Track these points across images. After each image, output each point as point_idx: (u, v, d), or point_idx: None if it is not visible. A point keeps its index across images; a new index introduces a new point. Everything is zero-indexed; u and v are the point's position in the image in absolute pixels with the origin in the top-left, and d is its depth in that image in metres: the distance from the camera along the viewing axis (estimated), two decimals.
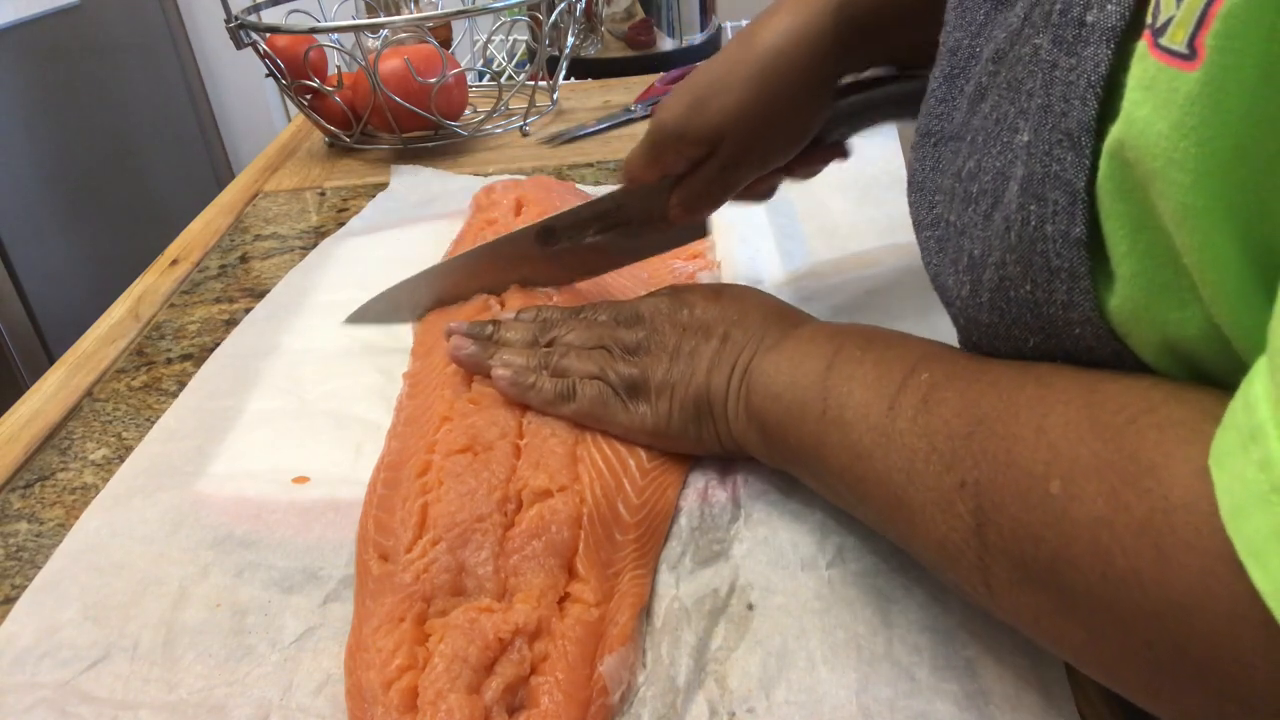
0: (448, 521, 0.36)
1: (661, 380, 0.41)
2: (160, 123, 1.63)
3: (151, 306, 0.63)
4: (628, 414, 0.41)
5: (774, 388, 0.37)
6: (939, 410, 0.30)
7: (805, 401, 0.36)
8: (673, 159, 0.46)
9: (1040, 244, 0.26)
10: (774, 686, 0.33)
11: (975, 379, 0.30)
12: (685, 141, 0.45)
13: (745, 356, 0.40)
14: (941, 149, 0.33)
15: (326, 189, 0.81)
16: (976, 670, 0.32)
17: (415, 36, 0.84)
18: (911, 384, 0.32)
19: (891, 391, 0.32)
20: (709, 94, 0.44)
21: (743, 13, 1.55)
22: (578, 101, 0.96)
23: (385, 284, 0.60)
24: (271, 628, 0.36)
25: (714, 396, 0.40)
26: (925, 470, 0.29)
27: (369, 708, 0.31)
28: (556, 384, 0.42)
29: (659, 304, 0.44)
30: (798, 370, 0.37)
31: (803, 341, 0.38)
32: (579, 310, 0.46)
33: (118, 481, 0.45)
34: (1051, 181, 0.25)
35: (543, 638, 0.34)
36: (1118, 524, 0.23)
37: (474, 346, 0.45)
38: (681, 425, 0.40)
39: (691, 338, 0.42)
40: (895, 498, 0.31)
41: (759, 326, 0.41)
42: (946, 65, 0.34)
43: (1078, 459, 0.25)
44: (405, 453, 0.41)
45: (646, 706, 0.33)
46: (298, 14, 0.89)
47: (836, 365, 0.35)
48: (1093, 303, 0.26)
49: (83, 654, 0.36)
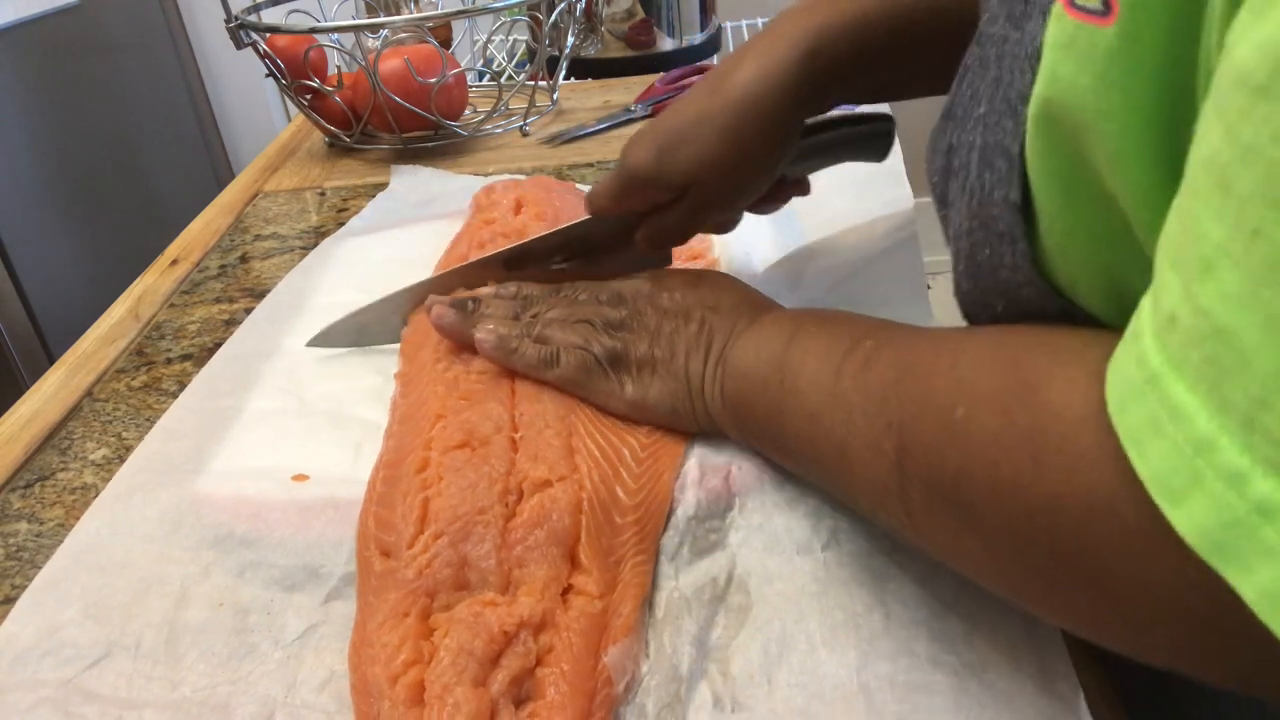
0: (449, 515, 0.36)
1: (643, 356, 0.43)
2: (160, 123, 1.63)
3: (151, 306, 0.63)
4: (609, 383, 0.43)
5: (742, 367, 0.40)
6: (876, 368, 0.33)
7: (766, 376, 0.38)
8: (640, 200, 0.47)
9: (991, 209, 0.28)
10: (775, 671, 0.33)
11: (912, 339, 0.33)
12: (654, 188, 0.45)
13: (720, 341, 0.42)
14: (960, 127, 0.35)
15: (326, 189, 0.81)
16: (973, 641, 0.33)
17: (415, 36, 0.84)
18: (857, 350, 0.34)
19: (838, 359, 0.35)
20: (678, 142, 0.44)
21: (742, 13, 1.55)
22: (578, 101, 0.96)
23: (385, 284, 0.59)
24: (274, 626, 0.36)
25: (692, 379, 0.42)
26: (860, 420, 0.32)
27: (375, 703, 0.32)
28: (540, 350, 0.43)
29: (640, 286, 0.45)
30: (762, 349, 0.39)
31: (768, 324, 0.41)
32: (559, 288, 0.47)
33: (118, 481, 0.45)
34: (995, 149, 0.28)
35: (547, 630, 0.34)
36: (1005, 438, 0.26)
37: (456, 315, 0.45)
38: (662, 401, 0.42)
39: (671, 321, 0.43)
40: (838, 450, 0.33)
41: (733, 313, 0.43)
42: (977, 50, 0.35)
43: (978, 385, 0.27)
44: (402, 450, 0.41)
45: (651, 696, 0.33)
46: (298, 14, 0.89)
47: (795, 341, 0.38)
48: (1029, 264, 0.28)
49: (85, 653, 0.36)
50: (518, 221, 0.57)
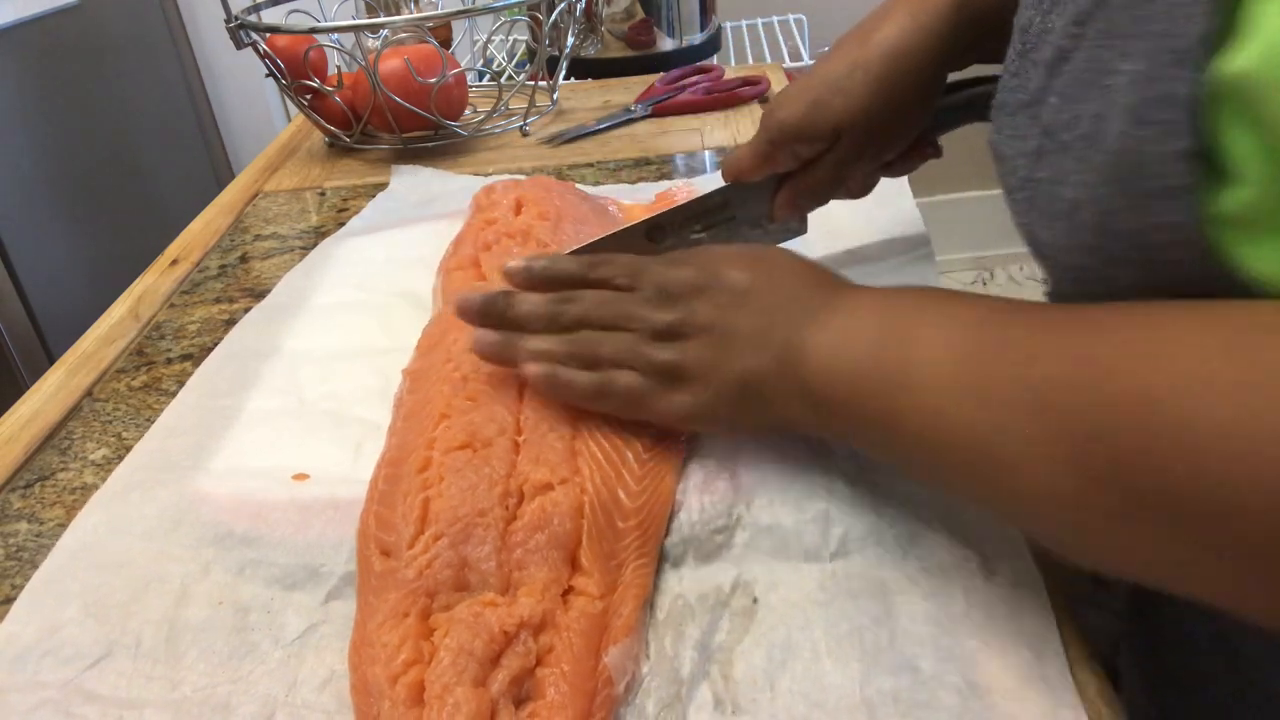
0: (450, 516, 0.36)
1: (700, 365, 0.39)
2: (160, 123, 1.63)
3: (151, 306, 0.63)
4: (666, 402, 0.40)
5: (828, 360, 0.36)
6: (1042, 363, 0.29)
7: (867, 371, 0.35)
8: (786, 158, 0.47)
9: (1148, 167, 0.27)
10: (778, 678, 0.33)
11: (1072, 328, 0.30)
12: (804, 140, 0.46)
13: (786, 331, 0.38)
14: (1017, 118, 0.34)
15: (326, 189, 0.81)
16: (979, 662, 0.33)
17: (415, 36, 0.84)
18: (993, 339, 0.31)
19: (972, 349, 0.32)
20: (830, 94, 0.45)
21: (742, 13, 1.55)
22: (578, 101, 0.96)
23: (386, 284, 0.60)
24: (274, 625, 0.36)
25: (758, 378, 0.38)
26: (1025, 423, 0.29)
27: (375, 702, 0.32)
28: (592, 379, 0.40)
29: (687, 277, 0.41)
30: (854, 340, 0.36)
31: (851, 310, 0.37)
32: (594, 265, 0.43)
33: (116, 479, 0.45)
34: (1159, 104, 0.26)
35: (547, 630, 0.34)
36: (1257, 436, 0.23)
37: (496, 337, 0.42)
38: (727, 410, 0.39)
39: (727, 314, 0.40)
40: (981, 455, 0.30)
41: (797, 295, 0.39)
42: (1019, 43, 0.35)
43: (1214, 379, 0.25)
44: (405, 449, 0.41)
45: (651, 697, 0.33)
46: (298, 14, 0.89)
47: (897, 329, 0.35)
48: (1195, 219, 0.26)
49: (85, 652, 0.36)
50: (519, 221, 0.57)
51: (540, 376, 0.41)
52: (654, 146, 0.82)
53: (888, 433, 0.35)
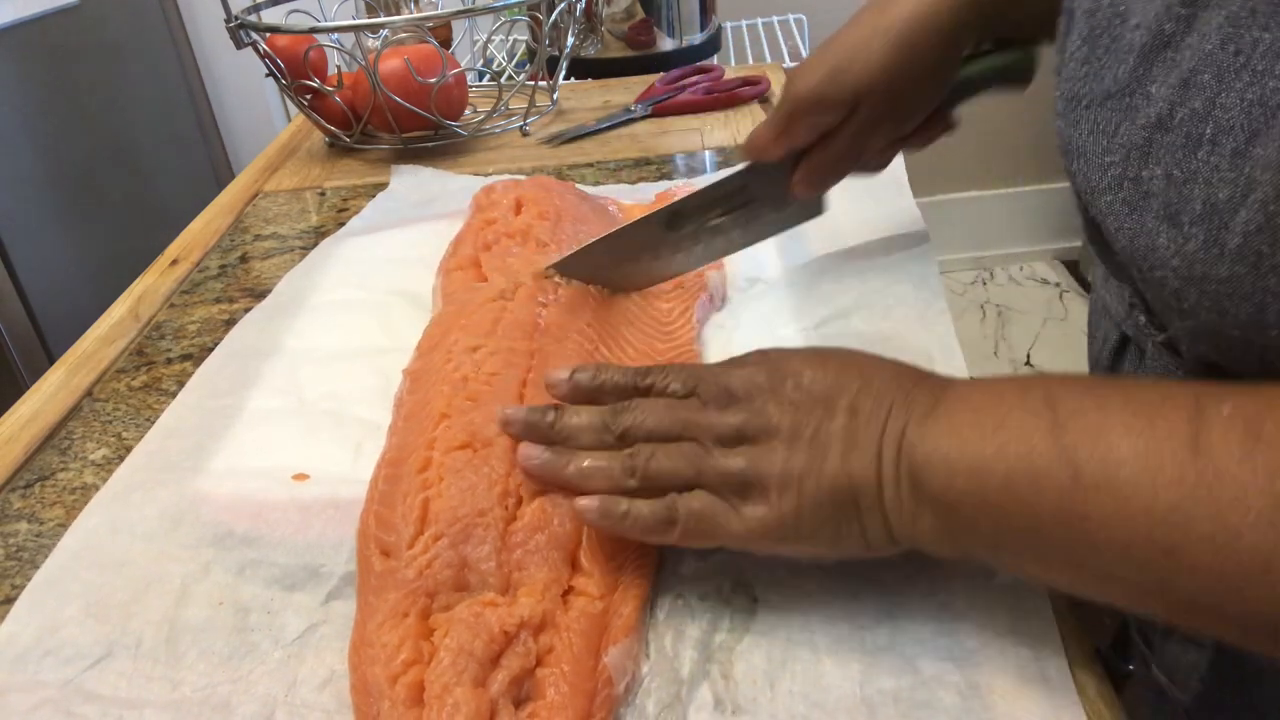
0: (449, 517, 0.36)
1: (780, 473, 0.33)
2: (160, 123, 1.63)
3: (151, 306, 0.63)
4: (741, 520, 0.34)
5: (963, 462, 0.30)
6: None
7: (1034, 471, 0.29)
8: (805, 130, 0.47)
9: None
10: (778, 678, 0.33)
11: None
12: (824, 107, 0.46)
13: (894, 429, 0.32)
14: (1098, 111, 0.32)
15: (326, 189, 0.81)
16: (979, 661, 0.33)
17: (415, 36, 0.84)
18: (1210, 420, 0.26)
19: (1183, 433, 0.26)
20: (848, 60, 0.45)
21: (742, 13, 1.55)
22: (578, 101, 0.96)
23: (386, 284, 0.60)
24: (274, 625, 0.36)
25: (860, 485, 0.32)
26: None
27: (375, 702, 0.32)
28: (654, 511, 0.35)
29: (754, 376, 0.36)
30: (998, 433, 0.30)
31: (979, 402, 0.32)
32: (645, 374, 0.38)
33: (117, 479, 0.45)
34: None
35: (547, 630, 0.34)
36: None
37: (545, 454, 0.37)
38: (814, 525, 0.33)
39: (808, 415, 0.34)
40: (1231, 559, 0.25)
41: (895, 391, 0.34)
42: (1084, 27, 0.34)
43: None
44: (405, 449, 0.41)
45: (651, 697, 0.33)
46: (298, 14, 0.89)
47: (1064, 419, 0.29)
48: None
49: (85, 652, 0.36)
50: (519, 221, 0.57)
51: (595, 513, 0.35)
52: (654, 146, 0.82)
53: (1075, 544, 0.28)
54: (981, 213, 2.15)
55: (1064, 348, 1.91)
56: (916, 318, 0.51)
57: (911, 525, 0.32)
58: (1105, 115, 0.32)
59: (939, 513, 0.31)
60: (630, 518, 0.35)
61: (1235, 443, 0.25)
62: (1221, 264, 0.27)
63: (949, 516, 0.31)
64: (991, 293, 2.11)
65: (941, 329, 0.50)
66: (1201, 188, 0.28)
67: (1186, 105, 0.28)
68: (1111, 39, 0.32)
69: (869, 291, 0.54)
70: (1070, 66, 0.34)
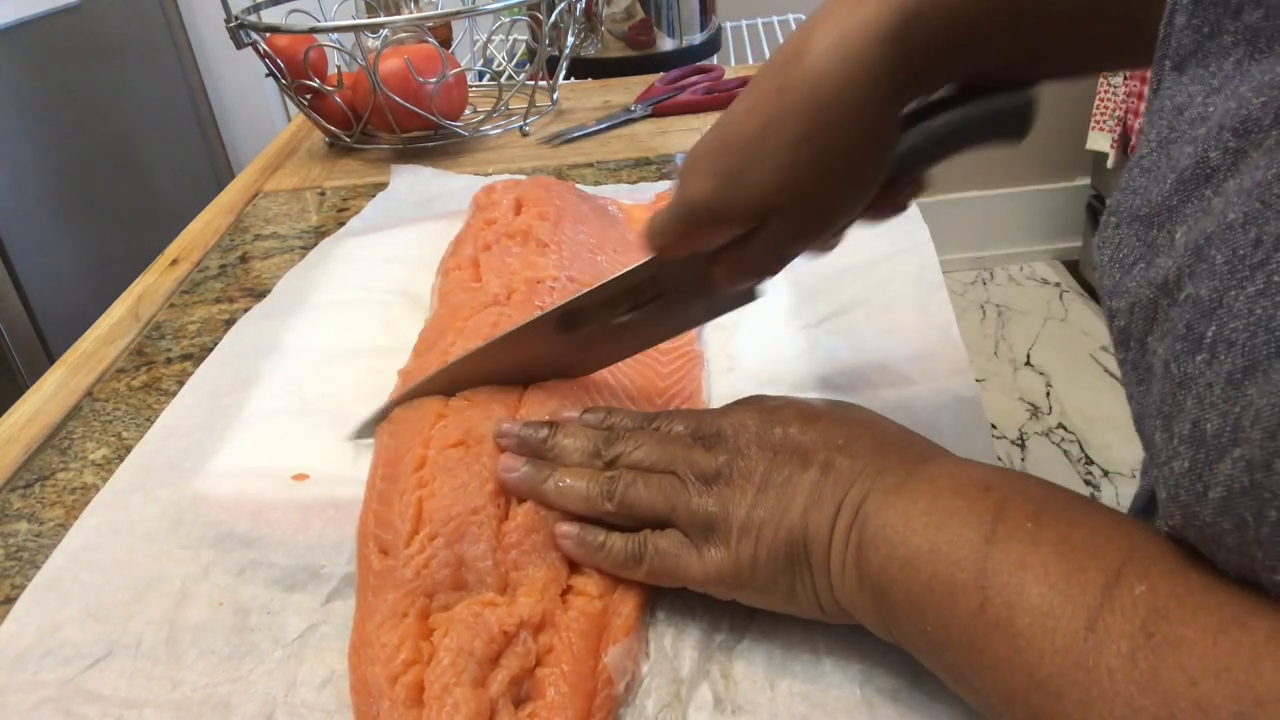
0: (443, 515, 0.36)
1: (744, 518, 0.33)
2: (160, 123, 1.63)
3: (151, 306, 0.63)
4: (701, 564, 0.33)
5: (902, 549, 0.29)
6: (1174, 657, 0.23)
7: (953, 584, 0.28)
8: (708, 238, 0.37)
9: None
10: (778, 678, 0.33)
11: (1224, 616, 0.23)
12: (723, 220, 0.36)
13: (856, 494, 0.32)
14: (1124, 232, 0.26)
15: (326, 189, 0.81)
16: None
17: (415, 36, 0.84)
18: (1120, 597, 0.24)
19: (1090, 602, 0.25)
20: (743, 164, 0.34)
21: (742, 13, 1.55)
22: (578, 101, 0.96)
23: (386, 284, 0.60)
24: (274, 625, 0.36)
25: (812, 541, 0.32)
26: (1127, 714, 0.23)
27: (375, 702, 0.32)
28: (626, 544, 0.35)
29: (744, 420, 0.35)
30: (939, 532, 0.29)
31: (941, 489, 0.30)
32: (653, 418, 0.38)
33: (117, 479, 0.45)
34: None
35: (547, 630, 0.34)
36: None
37: (525, 467, 0.37)
38: (769, 575, 0.33)
39: (784, 465, 0.34)
40: None
41: (873, 456, 0.33)
42: (1165, 128, 0.26)
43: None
44: (402, 448, 0.41)
45: (651, 697, 0.33)
46: (298, 14, 0.89)
47: (999, 539, 0.27)
48: None
49: (85, 652, 0.36)
50: (519, 221, 0.57)
51: (572, 541, 0.36)
52: (654, 146, 0.82)
53: (969, 670, 0.28)
54: (981, 213, 2.15)
55: (1064, 348, 1.92)
56: (917, 314, 0.51)
57: (852, 596, 0.31)
58: (1128, 242, 0.26)
59: (874, 591, 0.30)
60: (604, 550, 0.35)
61: (1128, 634, 0.24)
62: (1205, 507, 0.23)
63: (880, 598, 0.30)
64: (991, 293, 2.11)
65: (941, 322, 0.50)
66: (1194, 403, 0.22)
67: (1195, 284, 0.22)
68: (1176, 143, 0.25)
69: (868, 287, 0.54)
70: (1131, 174, 0.27)
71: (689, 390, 0.48)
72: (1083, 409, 1.75)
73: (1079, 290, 2.09)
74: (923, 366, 0.48)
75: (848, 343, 0.50)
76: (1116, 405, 1.74)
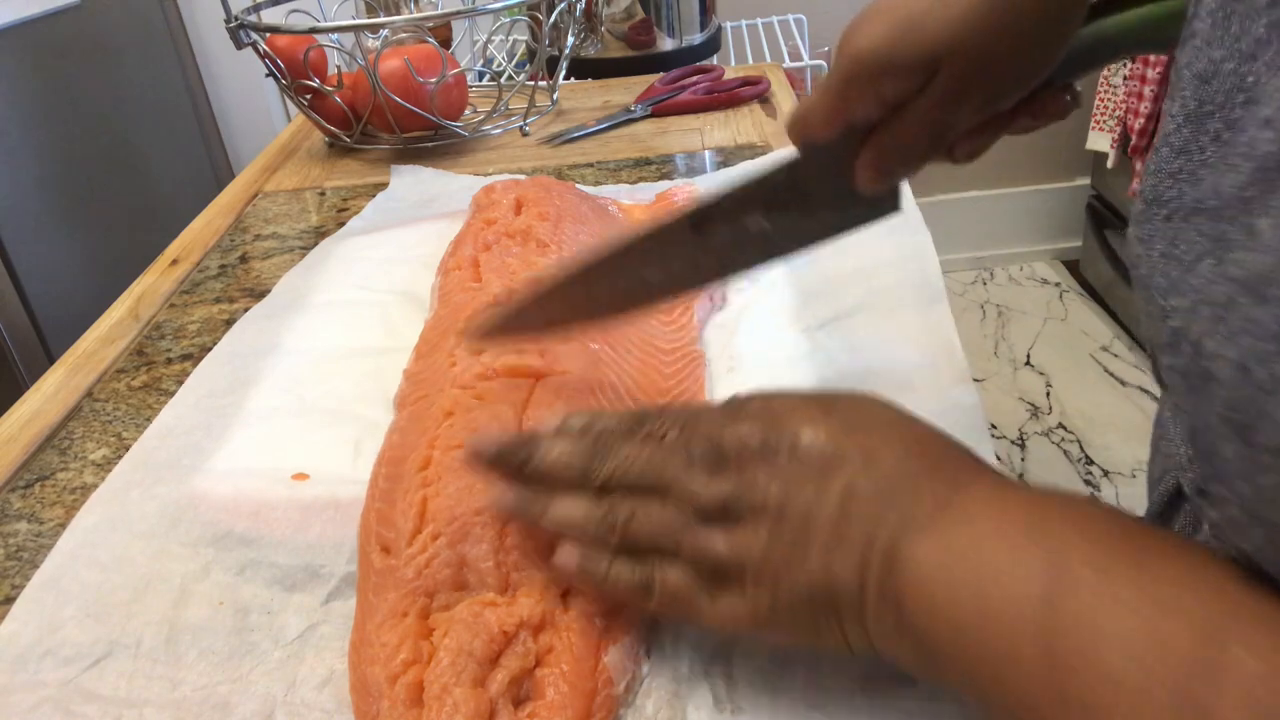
0: (447, 515, 0.36)
1: (758, 564, 0.30)
2: (160, 123, 1.63)
3: (151, 306, 0.63)
4: (713, 610, 0.31)
5: (948, 610, 0.26)
6: None
7: (1011, 635, 0.25)
8: (868, 102, 0.35)
9: None
10: (778, 679, 0.33)
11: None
12: (891, 72, 0.34)
13: (885, 536, 0.28)
14: (1180, 227, 0.24)
15: (326, 189, 0.81)
16: None
17: (415, 36, 0.84)
18: (1219, 665, 0.21)
19: (1178, 670, 0.22)
20: (923, 10, 0.33)
21: (742, 13, 1.55)
22: (578, 101, 0.96)
23: (386, 284, 0.60)
24: (274, 625, 0.36)
25: (841, 593, 0.29)
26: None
27: (374, 702, 0.32)
28: (633, 575, 0.32)
29: (748, 436, 0.31)
30: (988, 582, 0.26)
31: (983, 534, 0.27)
32: (642, 419, 0.34)
33: (116, 476, 0.45)
34: None
35: (547, 630, 0.34)
36: None
37: (514, 496, 0.35)
38: (790, 623, 0.30)
39: (799, 491, 0.30)
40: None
41: (900, 480, 0.29)
42: (1190, 99, 0.24)
43: None
44: (407, 447, 0.41)
45: (650, 698, 0.33)
46: (298, 14, 0.89)
47: (1061, 594, 0.24)
48: None
49: (85, 652, 0.36)
50: (519, 221, 0.57)
51: (574, 563, 0.33)
52: (654, 146, 0.82)
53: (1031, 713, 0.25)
54: (981, 213, 2.15)
55: (1064, 348, 1.92)
56: (918, 318, 0.51)
57: (894, 646, 0.29)
58: (1187, 235, 0.23)
59: (919, 647, 0.28)
60: (610, 580, 0.33)
61: (1229, 707, 0.21)
62: (1240, 534, 0.21)
63: (922, 652, 0.28)
64: (991, 293, 2.11)
65: (943, 330, 0.50)
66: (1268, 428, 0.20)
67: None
68: (1227, 125, 0.22)
69: (870, 292, 0.54)
70: (1161, 153, 0.25)
71: (691, 391, 0.48)
72: (1083, 409, 1.75)
73: (1079, 290, 2.09)
74: (924, 373, 0.47)
75: (848, 346, 0.50)
76: (1116, 405, 1.74)
